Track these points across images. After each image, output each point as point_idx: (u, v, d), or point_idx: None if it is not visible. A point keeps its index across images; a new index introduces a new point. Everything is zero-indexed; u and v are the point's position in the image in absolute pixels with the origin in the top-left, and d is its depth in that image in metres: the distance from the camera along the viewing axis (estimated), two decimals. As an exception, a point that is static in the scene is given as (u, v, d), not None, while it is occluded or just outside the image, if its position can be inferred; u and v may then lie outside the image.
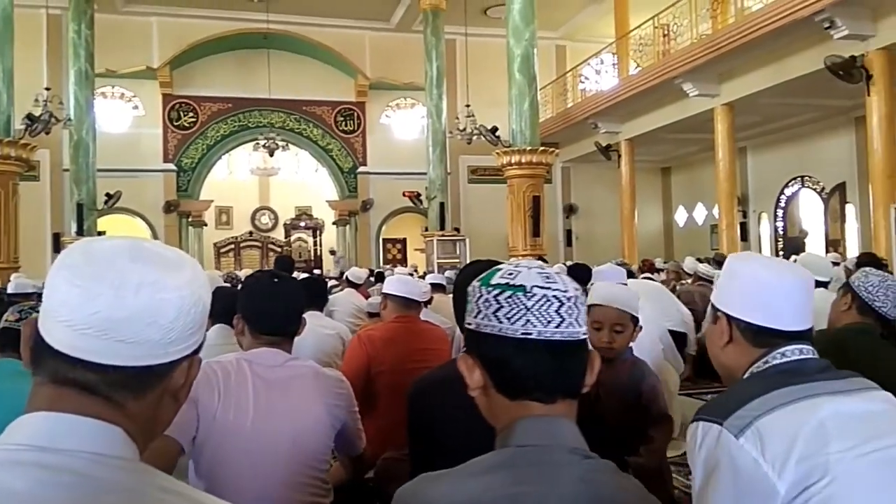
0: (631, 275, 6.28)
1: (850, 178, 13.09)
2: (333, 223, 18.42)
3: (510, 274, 0.96)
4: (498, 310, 0.94)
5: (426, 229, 15.19)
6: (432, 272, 10.19)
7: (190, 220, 17.00)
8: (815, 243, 14.41)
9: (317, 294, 4.05)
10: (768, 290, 1.21)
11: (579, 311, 0.95)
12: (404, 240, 18.63)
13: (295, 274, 8.87)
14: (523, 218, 10.37)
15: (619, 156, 14.88)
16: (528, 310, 0.93)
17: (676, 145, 16.04)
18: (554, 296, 0.94)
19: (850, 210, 13.21)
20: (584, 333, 0.96)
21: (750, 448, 1.05)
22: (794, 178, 14.91)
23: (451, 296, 5.72)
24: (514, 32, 10.17)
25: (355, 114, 17.75)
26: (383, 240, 18.40)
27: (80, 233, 12.47)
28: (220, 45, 16.23)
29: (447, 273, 8.69)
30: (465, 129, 12.73)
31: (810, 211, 14.82)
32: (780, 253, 14.66)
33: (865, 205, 11.39)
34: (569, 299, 0.94)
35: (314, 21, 16.46)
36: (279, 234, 18.94)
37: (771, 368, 1.18)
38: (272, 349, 1.86)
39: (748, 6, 11.00)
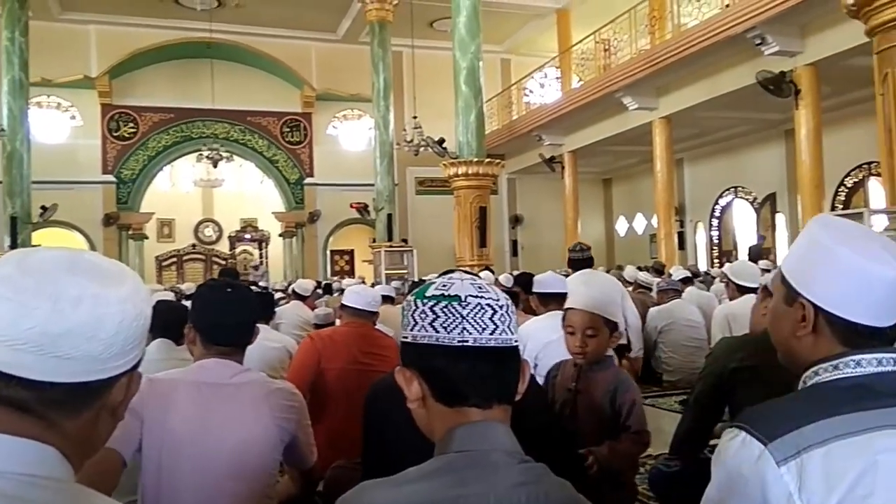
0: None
1: (781, 188, 13.67)
2: (280, 235, 18.26)
3: (444, 286, 1.00)
4: (434, 320, 0.98)
5: (374, 241, 15.20)
6: (380, 283, 10.21)
7: (130, 233, 16.63)
8: (746, 251, 14.96)
9: (263, 307, 4.05)
10: (870, 286, 1.03)
11: (511, 319, 1.00)
12: (352, 251, 18.59)
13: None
14: (470, 229, 10.50)
15: (563, 167, 15.20)
16: (464, 318, 0.97)
17: (617, 157, 16.47)
18: (488, 304, 0.98)
19: (781, 219, 13.78)
20: (516, 341, 1.01)
21: (789, 480, 0.94)
22: (728, 189, 15.50)
23: (399, 307, 5.78)
24: (459, 45, 10.33)
25: (302, 125, 17.68)
26: (331, 251, 18.32)
27: (14, 247, 12.03)
28: (162, 54, 15.98)
29: (394, 283, 8.75)
30: (412, 141, 12.82)
31: (743, 220, 15.39)
32: (716, 261, 15.22)
33: (795, 214, 11.93)
34: (501, 307, 0.99)
35: (259, 31, 16.36)
36: (224, 247, 18.67)
37: (841, 381, 1.03)
38: (223, 360, 1.83)
39: (684, 23, 11.41)
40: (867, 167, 12.09)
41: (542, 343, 3.10)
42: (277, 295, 8.19)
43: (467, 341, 0.97)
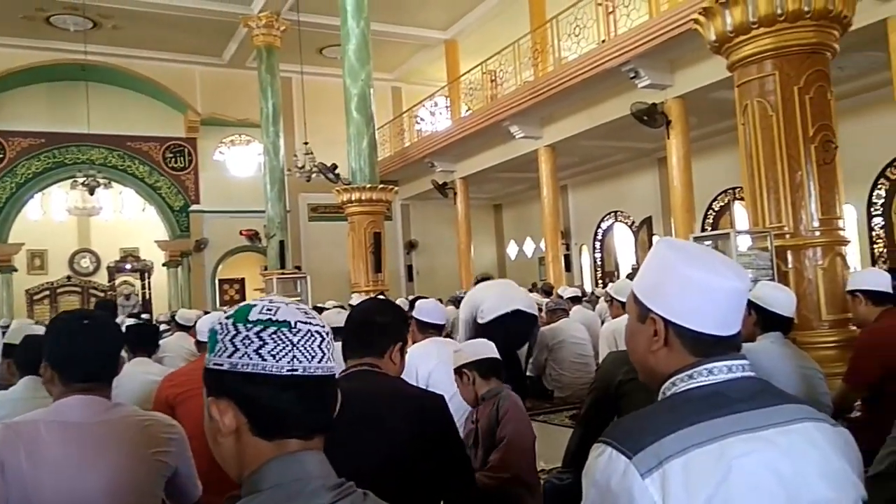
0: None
1: (656, 212, 14.51)
2: (164, 265, 17.46)
3: (269, 310, 0.93)
4: (261, 347, 0.91)
5: (265, 268, 14.84)
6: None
7: (-4, 265, 15.43)
8: (627, 272, 15.74)
9: (146, 339, 3.90)
10: (714, 297, 1.10)
11: (333, 346, 0.97)
12: (242, 280, 18.04)
13: (121, 319, 8.37)
14: (365, 254, 10.48)
15: (455, 193, 15.47)
16: (294, 345, 0.91)
17: (506, 183, 16.96)
18: (316, 331, 0.94)
19: (657, 241, 14.58)
20: (336, 369, 0.98)
21: (654, 492, 0.97)
22: (609, 213, 16.29)
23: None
24: (350, 73, 10.37)
25: (186, 150, 17.06)
26: (219, 280, 17.69)
27: None
28: (32, 75, 15.01)
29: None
30: (303, 167, 12.68)
31: (623, 243, 16.18)
32: (600, 281, 15.91)
33: (669, 236, 12.68)
34: (328, 334, 0.96)
35: (139, 54, 15.71)
36: (102, 278, 17.64)
37: (695, 389, 1.09)
38: (88, 397, 1.70)
39: (565, 56, 11.98)
40: (732, 192, 13.07)
41: (431, 366, 3.29)
42: (162, 327, 7.84)
43: (297, 370, 0.91)
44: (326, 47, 15.59)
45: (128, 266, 17.70)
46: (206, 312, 11.72)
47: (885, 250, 11.02)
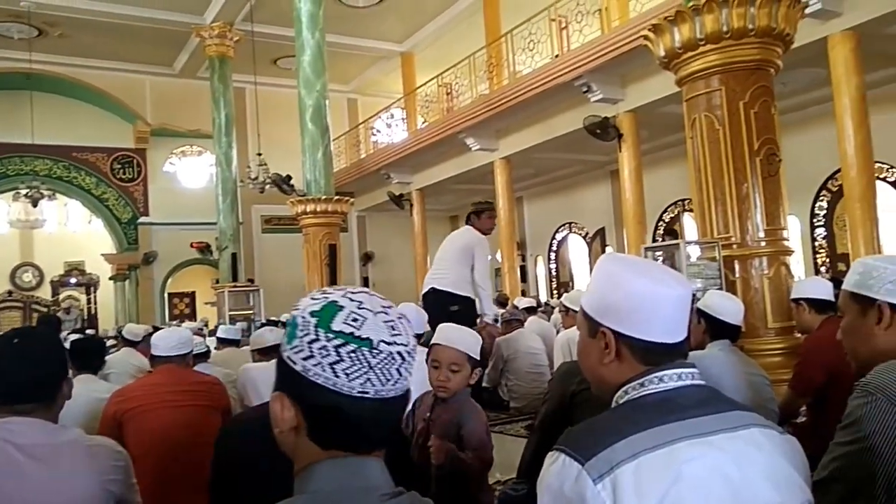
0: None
1: (609, 223, 14.75)
2: (111, 278, 17.01)
3: (355, 320, 0.87)
4: (337, 363, 0.86)
5: (217, 281, 14.57)
6: (223, 325, 9.78)
7: (-68, 279, 14.82)
8: (581, 283, 15.93)
9: (91, 356, 3.78)
10: (659, 305, 1.13)
11: (412, 363, 0.91)
12: (193, 293, 17.68)
13: (65, 334, 8.10)
14: (320, 266, 10.37)
15: (412, 205, 15.47)
16: (371, 368, 0.86)
17: (462, 195, 16.98)
18: (398, 352, 0.88)
19: (609, 252, 14.82)
20: (409, 383, 0.92)
21: (605, 497, 0.99)
22: (564, 225, 16.50)
23: (244, 349, 5.54)
24: (305, 84, 10.30)
25: (135, 161, 16.69)
26: (169, 294, 17.31)
27: None
28: (-28, 84, 14.57)
29: (239, 325, 8.42)
30: (257, 178, 12.52)
31: (577, 254, 16.40)
32: (555, 292, 16.06)
33: (622, 247, 12.89)
34: (409, 353, 0.90)
35: (87, 63, 15.35)
36: (45, 293, 17.12)
37: (647, 396, 1.12)
38: (28, 419, 1.63)
39: (520, 70, 12.12)
40: (681, 203, 13.38)
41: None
42: (109, 342, 7.61)
43: (368, 393, 0.86)
44: (281, 58, 15.47)
45: (73, 280, 17.22)
46: (156, 328, 11.40)
47: (827, 260, 11.39)
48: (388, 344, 0.87)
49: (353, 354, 0.85)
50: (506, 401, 5.90)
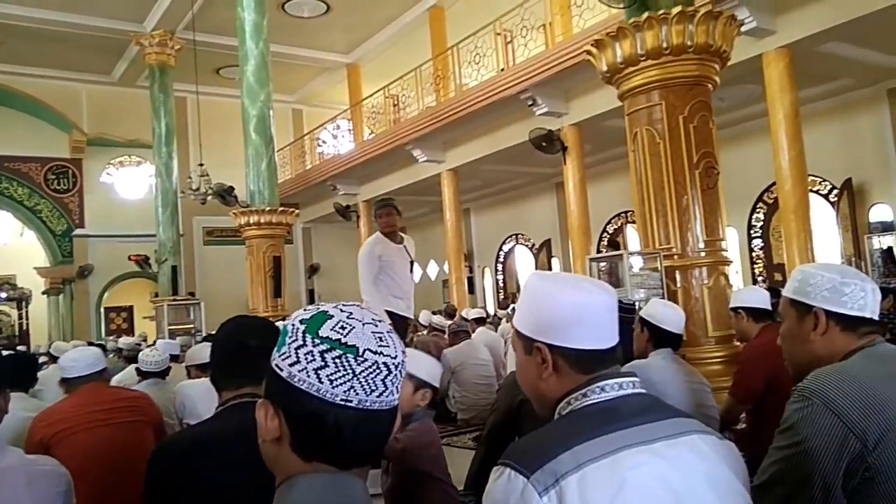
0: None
1: (555, 235, 14.95)
2: (43, 293, 16.36)
3: (342, 328, 0.86)
4: (321, 368, 0.84)
5: (156, 295, 14.16)
6: (164, 340, 9.50)
7: None
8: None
9: (21, 373, 3.63)
10: (587, 312, 1.16)
11: (401, 378, 0.89)
12: (131, 307, 17.15)
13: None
14: (264, 279, 10.18)
15: (358, 216, 15.37)
16: (356, 376, 0.84)
17: (410, 207, 16.94)
18: (384, 363, 0.86)
19: (556, 263, 15.04)
20: (398, 399, 0.90)
21: None
22: (511, 236, 16.65)
23: (182, 365, 5.39)
24: (248, 93, 10.13)
25: (70, 171, 16.16)
26: (105, 309, 16.74)
27: None
28: None
29: (179, 340, 8.20)
30: (198, 189, 12.24)
31: (524, 265, 16.55)
32: (502, 303, 16.15)
33: (567, 258, 13.09)
34: (396, 367, 0.88)
35: (20, 70, 14.80)
36: (-27, 308, 16.34)
37: (589, 406, 1.13)
38: None
39: (466, 83, 12.21)
40: (625, 215, 13.65)
41: None
42: (41, 359, 7.30)
43: (351, 402, 0.84)
44: (224, 67, 15.22)
45: (3, 294, 16.49)
46: (90, 343, 11.01)
47: (764, 270, 11.77)
48: (374, 353, 0.86)
49: (337, 360, 0.84)
50: (453, 412, 5.88)
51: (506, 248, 16.86)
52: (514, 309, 5.59)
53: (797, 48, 7.69)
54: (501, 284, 17.01)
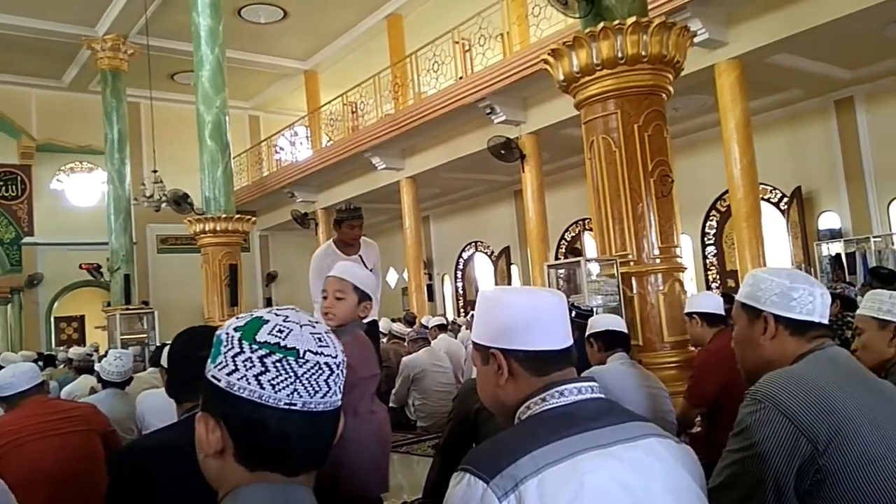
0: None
1: (513, 242, 15.05)
2: (-10, 303, 15.82)
3: (280, 331, 0.84)
4: (262, 373, 0.82)
5: (109, 304, 13.80)
6: (116, 350, 9.24)
7: None
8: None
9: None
10: (536, 313, 1.19)
11: (343, 378, 0.88)
12: (82, 317, 16.68)
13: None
14: (220, 287, 10.01)
15: (316, 224, 15.23)
16: (298, 378, 0.83)
17: (369, 214, 16.56)
18: (325, 363, 0.85)
19: (515, 270, 15.13)
20: (340, 400, 0.89)
21: None
22: (470, 243, 16.70)
23: (138, 374, 5.24)
24: (203, 99, 9.97)
25: (18, 178, 15.68)
26: (56, 318, 16.26)
27: None
28: None
29: (132, 349, 8.02)
30: (152, 196, 11.99)
31: (484, 272, 16.61)
32: (462, 310, 16.18)
33: (526, 265, 13.18)
34: (338, 366, 0.87)
35: (-37, 73, 14.35)
36: (-87, 319, 15.68)
37: (548, 411, 1.14)
38: None
39: (424, 91, 12.23)
40: (582, 223, 13.81)
41: None
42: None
43: (295, 405, 0.83)
44: (179, 73, 14.96)
45: (-54, 305, 15.87)
46: (41, 354, 10.67)
47: (717, 276, 12.02)
48: (315, 354, 0.84)
49: (278, 364, 0.82)
50: (413, 420, 5.85)
51: (465, 255, 16.90)
52: (472, 316, 5.60)
53: (748, 59, 7.90)
54: (461, 292, 17.03)
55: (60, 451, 2.77)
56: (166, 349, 2.10)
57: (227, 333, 0.86)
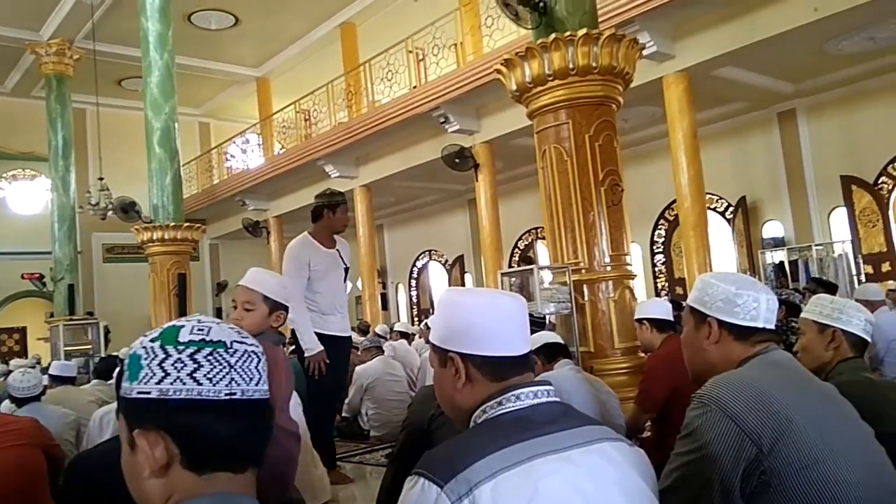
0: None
1: (467, 251, 15.11)
2: (-77, 315, 15.16)
3: (200, 329, 0.85)
4: (196, 370, 0.81)
5: (52, 315, 13.36)
6: (60, 362, 8.95)
7: None
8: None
9: None
10: (495, 319, 1.19)
11: (265, 366, 0.89)
12: (24, 328, 16.11)
13: None
14: (168, 297, 9.78)
15: (268, 232, 15.03)
16: (232, 367, 0.83)
17: (322, 223, 16.75)
18: (252, 351, 0.86)
19: (469, 278, 15.18)
20: (269, 389, 0.89)
21: None
22: (424, 252, 16.70)
23: (82, 387, 5.10)
24: (152, 106, 9.76)
25: (-44, 185, 15.09)
26: (-5, 330, 15.68)
27: None
28: None
29: (75, 361, 7.79)
30: (98, 204, 11.67)
31: (438, 280, 16.62)
32: (416, 318, 16.15)
33: (480, 273, 13.24)
34: (261, 354, 0.88)
35: None
36: None
37: (504, 414, 1.14)
38: None
39: (378, 99, 12.21)
40: (535, 231, 13.95)
41: None
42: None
43: (236, 394, 0.82)
44: (126, 78, 14.64)
45: None
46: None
47: (666, 284, 12.27)
48: (240, 343, 0.86)
49: (210, 357, 0.83)
50: (366, 430, 5.80)
51: (419, 263, 16.89)
52: (426, 325, 5.58)
53: (694, 72, 8.11)
54: (415, 300, 17.00)
55: (4, 466, 2.67)
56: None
57: (145, 347, 0.84)
